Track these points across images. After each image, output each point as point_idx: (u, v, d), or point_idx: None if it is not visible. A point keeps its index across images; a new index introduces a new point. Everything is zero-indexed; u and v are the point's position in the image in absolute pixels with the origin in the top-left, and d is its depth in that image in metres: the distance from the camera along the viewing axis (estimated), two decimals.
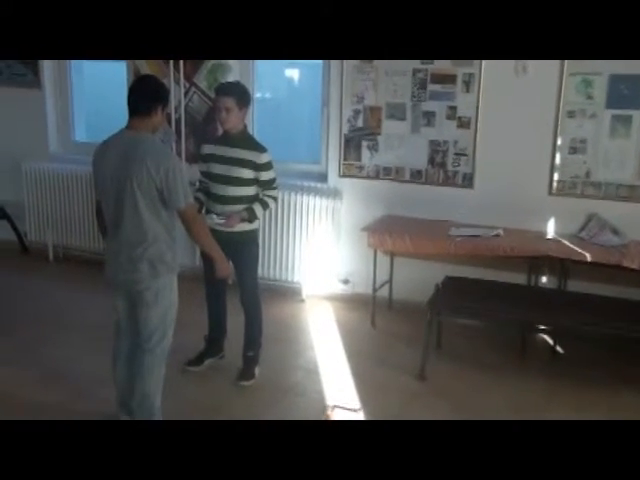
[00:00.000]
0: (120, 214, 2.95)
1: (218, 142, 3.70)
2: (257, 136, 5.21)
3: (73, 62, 5.77)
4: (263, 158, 3.61)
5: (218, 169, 3.63)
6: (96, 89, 5.99)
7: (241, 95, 3.55)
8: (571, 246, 4.10)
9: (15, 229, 5.97)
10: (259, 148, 3.64)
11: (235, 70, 5.13)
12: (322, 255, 5.01)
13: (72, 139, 5.90)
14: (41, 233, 5.85)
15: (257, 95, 5.33)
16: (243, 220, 3.60)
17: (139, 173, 2.86)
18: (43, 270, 5.70)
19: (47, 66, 5.69)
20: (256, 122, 5.27)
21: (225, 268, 3.34)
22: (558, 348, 4.30)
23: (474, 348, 4.31)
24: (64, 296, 5.11)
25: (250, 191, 3.65)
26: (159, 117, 2.99)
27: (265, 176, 3.64)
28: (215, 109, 3.66)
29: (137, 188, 2.87)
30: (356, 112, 4.80)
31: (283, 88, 8.58)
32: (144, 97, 2.96)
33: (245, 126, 3.68)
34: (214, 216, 3.46)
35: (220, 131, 3.86)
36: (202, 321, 4.02)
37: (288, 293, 5.15)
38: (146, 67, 5.31)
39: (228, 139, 3.63)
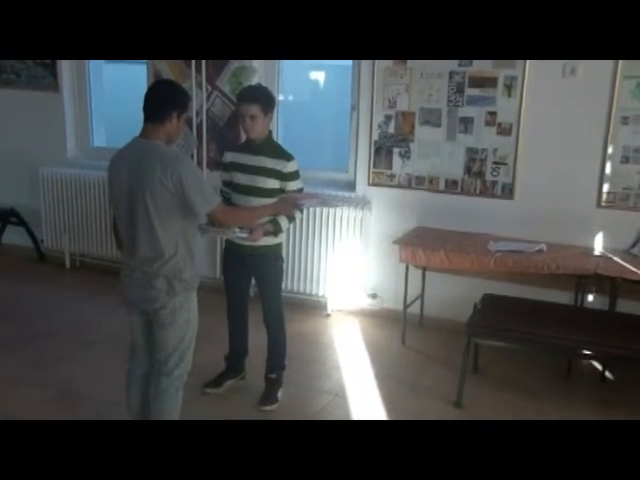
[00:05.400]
0: (134, 229, 2.74)
1: (241, 150, 3.45)
2: (281, 142, 5.03)
3: (92, 65, 5.59)
4: (289, 167, 3.35)
5: (241, 179, 3.38)
6: (115, 93, 5.79)
7: (266, 100, 3.29)
8: (622, 263, 3.78)
9: (32, 236, 5.80)
10: (285, 156, 3.38)
11: (260, 72, 4.88)
12: (349, 268, 4.74)
13: (90, 144, 5.71)
14: (58, 240, 5.66)
15: (281, 98, 5.08)
16: (267, 233, 3.34)
17: (150, 184, 2.63)
18: (59, 279, 5.51)
19: (66, 69, 5.51)
20: (280, 127, 5.03)
21: (285, 206, 3.20)
22: (607, 374, 3.97)
23: (514, 373, 3.99)
24: (80, 307, 4.91)
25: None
26: (174, 125, 2.74)
27: (292, 186, 3.38)
28: (238, 117, 3.40)
29: (150, 201, 2.65)
30: (387, 117, 4.52)
31: (308, 91, 8.34)
32: (158, 103, 2.73)
33: (270, 133, 3.42)
34: (236, 229, 3.20)
35: (243, 138, 3.61)
36: (222, 337, 3.77)
37: (313, 307, 4.89)
38: (167, 70, 5.08)
39: (252, 147, 3.38)
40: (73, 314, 4.77)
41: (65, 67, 5.50)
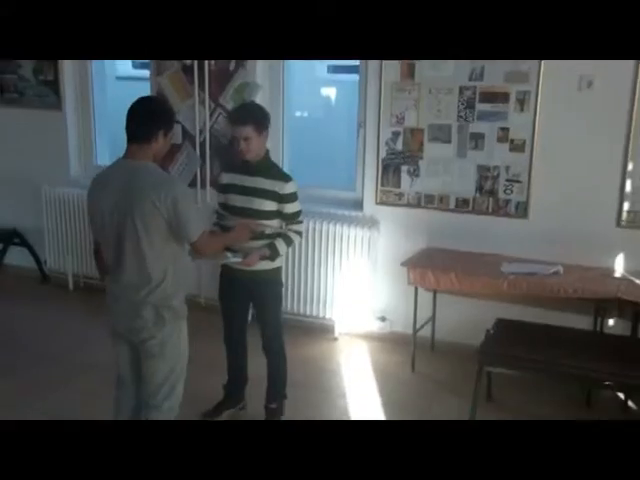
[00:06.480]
0: (121, 254, 2.61)
1: (237, 170, 3.29)
2: (287, 159, 4.89)
3: (95, 82, 5.49)
4: (287, 188, 3.19)
5: (237, 200, 3.22)
6: (118, 110, 5.69)
7: (259, 119, 3.12)
8: None
9: (35, 257, 5.69)
10: (283, 177, 3.23)
11: (264, 88, 4.75)
12: (357, 289, 4.55)
13: (94, 163, 5.59)
14: (61, 261, 5.54)
15: (288, 113, 4.93)
16: (264, 258, 3.18)
17: (140, 207, 2.51)
18: (62, 301, 5.39)
19: (69, 86, 5.41)
20: (287, 143, 4.88)
21: (242, 235, 3.06)
22: (630, 404, 3.74)
23: (530, 402, 3.77)
24: (82, 330, 4.77)
25: (272, 225, 3.22)
26: (161, 144, 2.62)
27: (289, 208, 3.22)
28: (232, 139, 3.26)
29: (139, 224, 2.53)
30: (395, 134, 4.35)
31: (317, 107, 8.21)
32: (143, 122, 2.60)
33: (267, 152, 3.26)
34: (228, 254, 3.05)
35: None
36: (222, 364, 3.60)
37: (319, 330, 4.71)
38: (170, 87, 4.97)
39: (248, 167, 3.22)
40: (72, 337, 4.64)
41: (68, 84, 5.40)
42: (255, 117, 3.12)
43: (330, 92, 8.19)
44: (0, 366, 4.13)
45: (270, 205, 3.17)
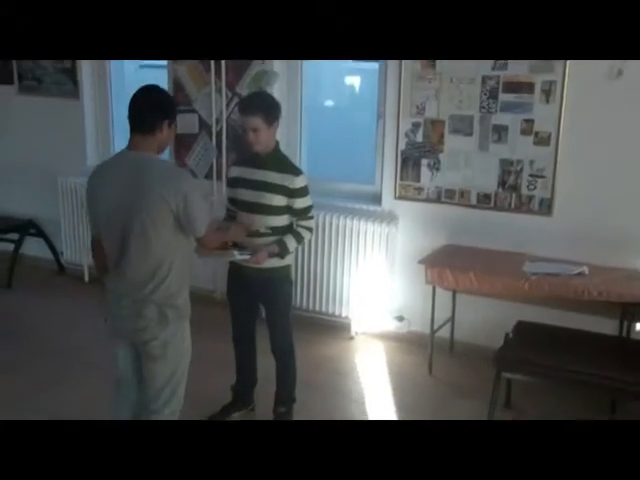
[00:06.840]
0: (125, 249, 2.52)
1: (246, 164, 3.17)
2: (305, 150, 4.76)
3: (113, 71, 5.42)
4: (297, 182, 3.06)
5: (245, 195, 3.10)
6: None
7: (269, 110, 2.99)
8: None
9: (51, 247, 5.66)
10: (293, 170, 3.10)
11: (282, 77, 4.62)
12: (374, 287, 4.41)
13: (111, 152, 5.51)
14: (77, 253, 5.49)
15: (307, 103, 4.79)
16: (273, 255, 3.06)
17: (149, 201, 2.43)
18: (77, 293, 5.33)
19: (86, 75, 5.35)
20: (305, 133, 4.75)
21: (238, 233, 3.00)
22: None
23: (550, 410, 3.59)
24: (93, 325, 4.65)
25: (282, 221, 3.10)
26: (165, 135, 2.54)
27: (300, 203, 3.09)
28: (243, 129, 3.13)
29: (147, 218, 2.44)
30: (415, 125, 4.19)
31: (343, 96, 8.05)
32: (147, 111, 2.51)
33: (277, 144, 3.13)
34: (235, 251, 2.93)
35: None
36: (232, 362, 3.49)
37: (335, 329, 4.58)
38: (187, 74, 4.88)
39: (257, 160, 3.10)
40: (83, 332, 4.56)
41: (86, 73, 5.33)
42: (265, 107, 2.99)
43: (354, 81, 8.02)
44: (10, 357, 4.12)
45: (280, 200, 3.05)
